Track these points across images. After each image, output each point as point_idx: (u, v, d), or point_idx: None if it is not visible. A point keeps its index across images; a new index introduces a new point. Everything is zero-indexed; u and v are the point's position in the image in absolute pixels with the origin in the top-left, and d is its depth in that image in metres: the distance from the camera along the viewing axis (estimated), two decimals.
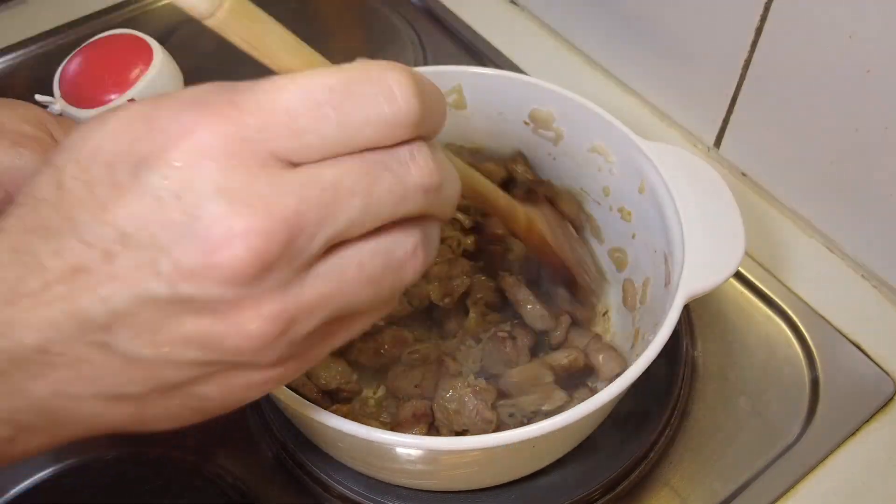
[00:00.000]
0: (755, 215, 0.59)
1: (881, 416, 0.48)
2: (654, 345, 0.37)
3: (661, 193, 0.44)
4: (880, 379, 0.49)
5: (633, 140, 0.46)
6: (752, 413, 0.48)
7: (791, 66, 0.51)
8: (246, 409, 0.48)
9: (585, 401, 0.35)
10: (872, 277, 0.54)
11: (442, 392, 0.44)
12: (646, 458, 0.46)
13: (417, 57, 0.70)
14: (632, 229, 0.49)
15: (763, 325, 0.52)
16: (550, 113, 0.50)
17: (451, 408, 0.43)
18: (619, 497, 0.45)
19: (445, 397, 0.44)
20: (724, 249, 0.41)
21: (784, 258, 0.56)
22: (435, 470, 0.42)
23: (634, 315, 0.48)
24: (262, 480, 0.45)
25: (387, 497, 0.44)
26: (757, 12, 0.51)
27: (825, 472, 0.46)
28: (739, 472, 0.46)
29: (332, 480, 0.45)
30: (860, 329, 0.52)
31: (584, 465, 0.45)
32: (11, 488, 0.45)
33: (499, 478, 0.44)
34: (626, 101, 0.67)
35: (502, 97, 0.51)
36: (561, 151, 0.52)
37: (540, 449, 0.41)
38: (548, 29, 0.73)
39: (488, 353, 0.47)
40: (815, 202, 0.56)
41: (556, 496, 0.44)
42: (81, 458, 0.46)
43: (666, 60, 0.62)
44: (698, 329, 0.52)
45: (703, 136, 0.62)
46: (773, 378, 0.50)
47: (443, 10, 0.74)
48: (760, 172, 0.59)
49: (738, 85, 0.56)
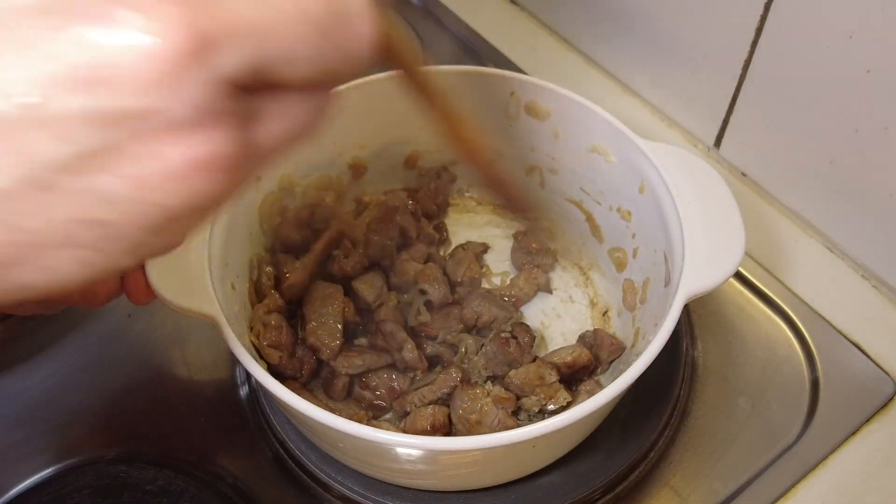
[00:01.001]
0: (755, 215, 0.59)
1: (881, 416, 0.48)
2: (654, 345, 0.37)
3: (661, 193, 0.44)
4: (880, 379, 0.49)
5: (634, 140, 0.46)
6: (752, 413, 0.48)
7: (791, 66, 0.51)
8: (246, 408, 0.48)
9: (585, 401, 0.35)
10: (872, 277, 0.54)
11: (460, 403, 0.43)
12: (646, 458, 0.46)
13: None
14: (632, 229, 0.49)
15: (763, 324, 0.52)
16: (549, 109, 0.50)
17: (472, 419, 0.43)
18: (620, 497, 0.45)
19: (465, 408, 0.43)
20: (723, 249, 0.41)
21: (784, 258, 0.56)
22: (435, 470, 0.42)
23: (634, 315, 0.48)
24: (261, 480, 0.45)
25: (387, 497, 0.44)
26: (757, 13, 0.51)
27: (825, 472, 0.46)
28: (739, 472, 0.46)
29: (332, 480, 0.45)
30: (860, 329, 0.52)
31: (584, 465, 0.45)
32: (11, 488, 0.45)
33: (499, 478, 0.44)
34: (625, 101, 0.67)
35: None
36: (561, 151, 0.52)
37: (540, 449, 0.41)
38: (548, 29, 0.73)
39: (492, 355, 0.47)
40: (815, 202, 0.56)
41: (557, 496, 0.44)
42: (81, 458, 0.46)
43: (666, 60, 0.62)
44: (698, 329, 0.52)
45: (703, 136, 0.62)
46: (773, 378, 0.50)
47: (443, 10, 0.74)
48: (760, 172, 0.59)
49: (738, 85, 0.56)
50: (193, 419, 0.48)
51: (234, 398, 0.49)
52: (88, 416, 0.48)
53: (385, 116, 0.51)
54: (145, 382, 0.50)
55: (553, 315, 0.53)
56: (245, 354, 0.37)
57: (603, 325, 0.52)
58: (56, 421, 0.48)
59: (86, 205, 0.18)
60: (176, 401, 0.49)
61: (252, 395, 0.49)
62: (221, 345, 0.37)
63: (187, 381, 0.50)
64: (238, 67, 0.18)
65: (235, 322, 0.41)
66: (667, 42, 0.60)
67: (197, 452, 0.46)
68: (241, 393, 0.49)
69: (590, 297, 0.54)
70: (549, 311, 0.54)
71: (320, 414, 0.35)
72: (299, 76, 0.20)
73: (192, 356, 0.51)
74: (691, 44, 0.58)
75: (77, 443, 0.47)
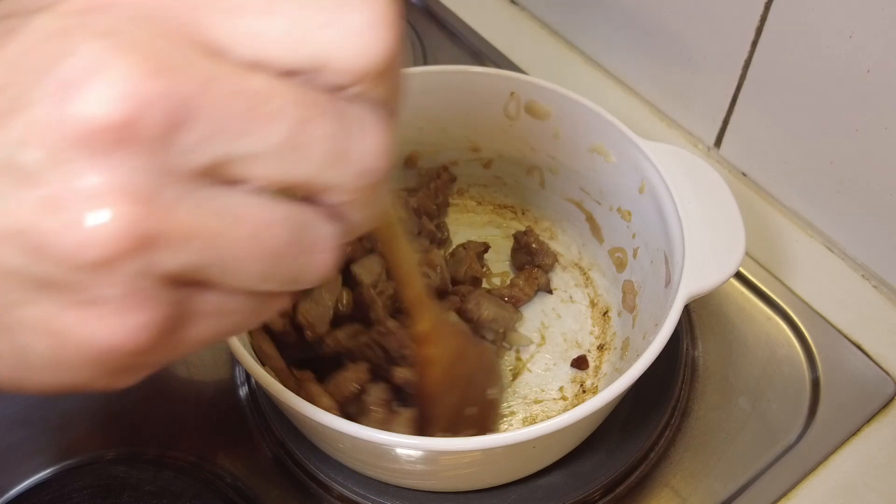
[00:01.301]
0: (755, 215, 0.58)
1: (882, 417, 0.48)
2: (654, 345, 0.37)
3: (661, 193, 0.44)
4: (881, 379, 0.49)
5: (633, 140, 0.46)
6: (752, 413, 0.48)
7: (791, 65, 0.51)
8: (246, 408, 0.48)
9: (585, 402, 0.35)
10: (873, 277, 0.54)
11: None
12: (646, 459, 0.46)
13: (417, 57, 0.70)
14: (632, 229, 0.49)
15: (763, 325, 0.52)
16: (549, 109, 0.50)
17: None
18: (620, 498, 0.45)
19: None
20: (724, 249, 0.41)
21: (784, 258, 0.56)
22: (435, 470, 0.42)
23: (634, 315, 0.48)
24: (261, 481, 0.45)
25: (386, 497, 0.44)
26: (757, 12, 0.51)
27: (826, 473, 0.45)
28: (740, 473, 0.46)
29: (331, 481, 0.45)
30: (861, 329, 0.51)
31: (584, 466, 0.45)
32: (11, 488, 0.45)
33: (499, 478, 0.44)
34: (625, 100, 0.67)
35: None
36: (561, 151, 0.52)
37: (540, 449, 0.41)
38: (548, 29, 0.73)
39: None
40: (816, 202, 0.56)
41: (557, 497, 0.44)
42: (81, 458, 0.46)
43: (666, 60, 0.62)
44: (698, 329, 0.52)
45: (704, 136, 0.62)
46: (774, 378, 0.50)
47: (443, 9, 0.74)
48: (761, 172, 0.59)
49: (738, 85, 0.56)
50: (193, 419, 0.48)
51: (233, 398, 0.49)
52: (88, 417, 0.48)
53: None
54: (145, 383, 0.48)
55: (553, 315, 0.53)
56: (245, 355, 0.37)
57: (603, 324, 0.52)
58: (56, 421, 0.48)
59: (4, 342, 0.18)
60: (176, 401, 0.49)
61: (252, 395, 0.49)
62: (221, 345, 0.37)
63: (187, 382, 0.50)
64: (175, 269, 0.18)
65: None
66: (667, 42, 0.60)
67: (197, 453, 0.46)
68: (241, 393, 0.49)
69: (590, 298, 0.54)
70: (549, 311, 0.53)
71: (320, 414, 0.35)
72: (242, 287, 0.20)
73: (191, 356, 0.51)
74: (692, 44, 0.58)
75: (77, 443, 0.47)
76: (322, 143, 0.18)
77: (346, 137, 0.19)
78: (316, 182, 0.19)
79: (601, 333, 0.52)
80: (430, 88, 0.51)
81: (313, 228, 0.20)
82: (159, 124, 0.16)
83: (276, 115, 0.18)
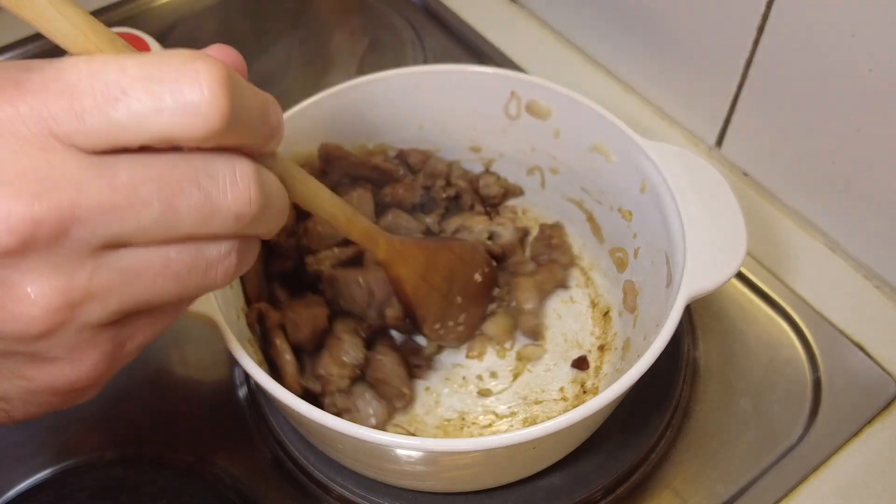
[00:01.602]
0: (757, 215, 0.58)
1: (883, 418, 0.47)
2: (655, 345, 0.37)
3: (662, 193, 0.44)
4: (882, 380, 0.49)
5: (634, 139, 0.46)
6: (753, 414, 0.48)
7: (793, 65, 0.51)
8: (245, 409, 0.48)
9: (586, 403, 0.35)
10: (874, 278, 0.54)
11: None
12: (647, 460, 0.46)
13: (417, 56, 0.70)
14: (633, 229, 0.49)
15: (765, 325, 0.52)
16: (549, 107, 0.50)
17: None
18: (620, 498, 0.45)
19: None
20: (725, 249, 0.41)
21: (786, 258, 0.56)
22: (435, 471, 0.42)
23: (635, 315, 0.48)
24: (260, 481, 0.45)
25: (386, 498, 0.44)
26: (759, 11, 0.51)
27: (827, 474, 0.45)
28: (741, 474, 0.45)
29: (331, 481, 0.45)
30: (862, 330, 0.51)
31: (584, 467, 0.45)
32: (11, 488, 0.45)
33: (499, 479, 0.44)
34: (626, 100, 0.66)
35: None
36: (561, 150, 0.52)
37: (540, 450, 0.41)
38: (548, 28, 0.73)
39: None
40: (817, 202, 0.56)
41: (557, 498, 0.44)
42: (81, 458, 0.46)
43: (667, 59, 0.61)
44: (699, 329, 0.52)
45: (705, 135, 0.62)
46: (775, 379, 0.49)
47: (443, 9, 0.74)
48: (762, 172, 0.59)
49: (739, 84, 0.56)
50: (192, 420, 0.48)
51: (233, 399, 0.49)
52: (87, 417, 0.48)
53: (383, 116, 0.51)
54: (144, 383, 0.50)
55: (554, 315, 0.53)
56: (244, 355, 0.37)
57: (604, 325, 0.52)
58: (55, 422, 0.48)
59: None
60: (175, 402, 0.49)
61: (251, 395, 0.48)
62: (220, 345, 0.37)
63: (186, 382, 0.50)
64: (104, 316, 0.23)
65: (234, 323, 0.41)
66: (668, 41, 0.60)
67: (196, 453, 0.46)
68: (240, 394, 0.49)
69: (590, 298, 0.54)
70: (549, 311, 0.53)
71: (319, 415, 0.34)
72: (166, 304, 0.24)
73: (191, 357, 0.51)
74: (693, 43, 0.58)
75: (76, 444, 0.47)
76: (192, 212, 0.22)
77: (211, 201, 0.22)
78: (198, 234, 0.23)
79: (602, 334, 0.52)
80: (430, 88, 0.51)
81: (208, 250, 0.24)
82: (50, 233, 0.20)
83: (146, 201, 0.21)
